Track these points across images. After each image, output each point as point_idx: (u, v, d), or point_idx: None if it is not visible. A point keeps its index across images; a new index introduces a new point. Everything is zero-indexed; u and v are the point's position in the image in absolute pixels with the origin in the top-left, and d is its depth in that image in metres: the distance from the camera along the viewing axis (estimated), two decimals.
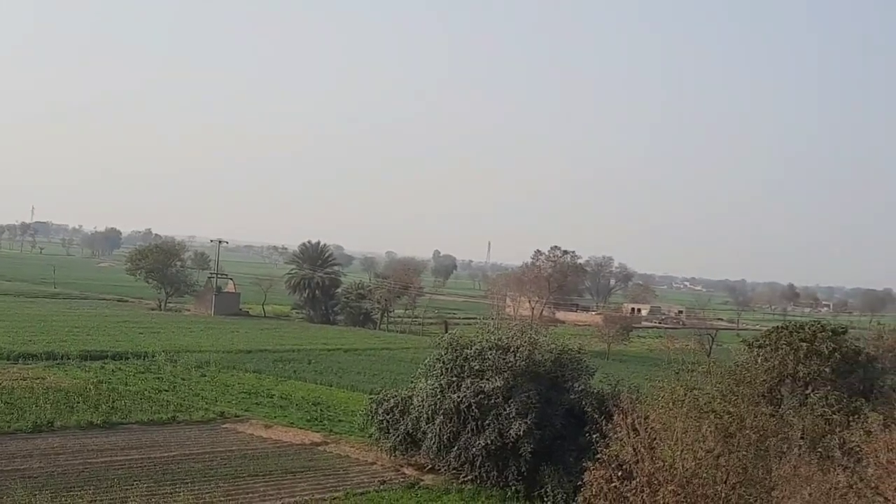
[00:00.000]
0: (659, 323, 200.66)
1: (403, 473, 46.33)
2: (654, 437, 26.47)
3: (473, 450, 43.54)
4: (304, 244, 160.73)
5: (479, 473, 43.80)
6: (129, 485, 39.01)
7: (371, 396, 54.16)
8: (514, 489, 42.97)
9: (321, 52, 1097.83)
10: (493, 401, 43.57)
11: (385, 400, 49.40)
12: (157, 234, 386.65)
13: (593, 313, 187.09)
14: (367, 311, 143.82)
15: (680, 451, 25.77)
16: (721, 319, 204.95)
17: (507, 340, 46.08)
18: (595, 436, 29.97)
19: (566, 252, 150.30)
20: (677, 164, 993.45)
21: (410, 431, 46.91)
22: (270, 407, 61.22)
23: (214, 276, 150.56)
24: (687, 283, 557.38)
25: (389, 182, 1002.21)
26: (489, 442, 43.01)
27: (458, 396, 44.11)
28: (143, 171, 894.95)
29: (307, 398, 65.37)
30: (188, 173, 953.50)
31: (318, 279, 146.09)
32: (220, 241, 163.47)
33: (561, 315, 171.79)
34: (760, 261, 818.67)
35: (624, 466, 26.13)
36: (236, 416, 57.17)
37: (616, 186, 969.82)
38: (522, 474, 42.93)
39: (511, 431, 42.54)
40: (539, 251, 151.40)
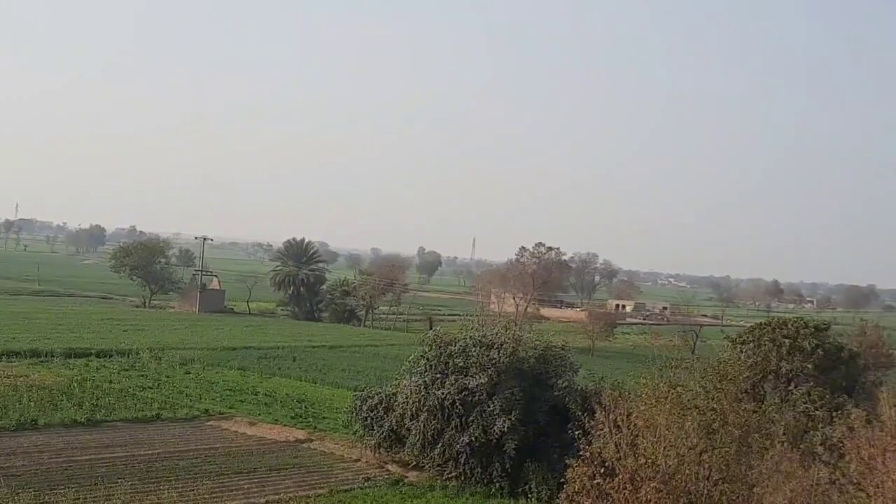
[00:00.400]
0: (643, 319, 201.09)
1: (388, 470, 46.28)
2: (636, 434, 26.57)
3: (457, 446, 43.52)
4: (288, 241, 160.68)
5: (464, 470, 43.78)
6: (113, 483, 38.84)
7: (355, 393, 54.14)
8: (498, 486, 42.98)
9: (309, 53, 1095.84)
10: (476, 397, 43.56)
11: (369, 397, 49.36)
12: (141, 232, 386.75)
13: (578, 310, 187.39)
14: (352, 308, 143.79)
15: (662, 448, 25.89)
16: (705, 316, 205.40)
17: (491, 337, 46.08)
18: (577, 433, 30.04)
19: (550, 248, 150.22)
20: (662, 162, 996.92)
21: (395, 428, 46.86)
22: (255, 404, 61.09)
23: (199, 273, 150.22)
24: (671, 280, 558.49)
25: (374, 179, 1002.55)
26: (473, 438, 43.02)
27: (442, 393, 44.09)
28: (127, 169, 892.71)
29: (292, 395, 65.29)
30: (173, 170, 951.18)
31: (302, 276, 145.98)
32: (205, 239, 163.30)
33: (545, 311, 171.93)
34: (745, 257, 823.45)
35: (606, 463, 26.19)
36: (221, 414, 57.03)
37: (601, 183, 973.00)
38: (506, 471, 42.95)
39: (495, 428, 42.56)
40: (524, 248, 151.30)
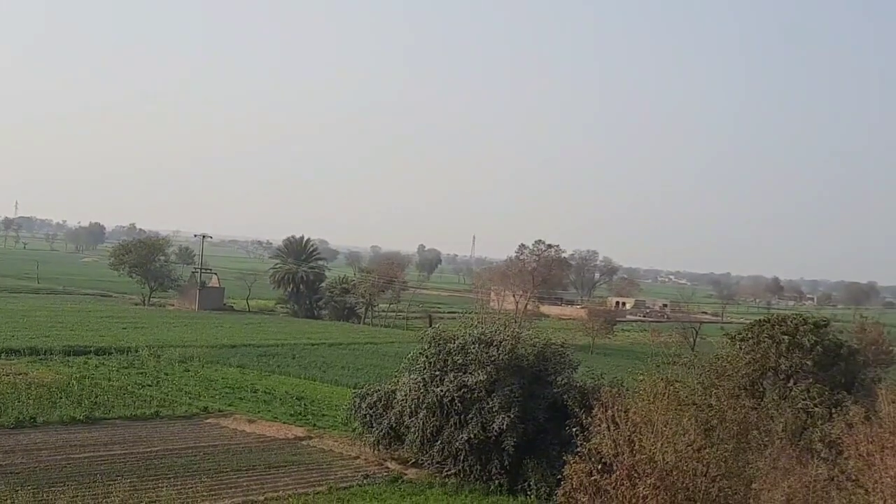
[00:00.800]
0: (643, 316, 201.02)
1: (387, 467, 46.33)
2: (634, 431, 26.52)
3: (456, 444, 43.57)
4: (288, 239, 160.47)
5: (463, 467, 43.84)
6: (111, 480, 38.91)
7: (355, 391, 54.13)
8: (497, 483, 43.04)
9: (304, 46, 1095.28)
10: (476, 395, 43.56)
11: (369, 394, 49.38)
12: (141, 229, 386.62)
13: (578, 307, 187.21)
14: (352, 306, 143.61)
15: (660, 444, 25.84)
16: (705, 313, 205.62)
17: (490, 334, 46.06)
18: (575, 429, 30.02)
19: (550, 246, 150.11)
20: (663, 159, 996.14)
21: (394, 425, 46.91)
22: (254, 402, 61.08)
23: (198, 270, 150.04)
24: (671, 277, 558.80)
25: (374, 176, 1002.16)
26: (472, 436, 43.04)
27: (442, 390, 44.08)
28: (127, 167, 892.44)
29: (291, 393, 65.29)
30: (172, 169, 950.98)
31: (302, 274, 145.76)
32: (204, 236, 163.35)
33: (545, 309, 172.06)
34: (745, 254, 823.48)
35: (604, 460, 26.17)
36: (220, 411, 57.04)
37: (601, 181, 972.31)
38: (505, 468, 43.00)
39: (494, 425, 42.58)
40: (523, 245, 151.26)
